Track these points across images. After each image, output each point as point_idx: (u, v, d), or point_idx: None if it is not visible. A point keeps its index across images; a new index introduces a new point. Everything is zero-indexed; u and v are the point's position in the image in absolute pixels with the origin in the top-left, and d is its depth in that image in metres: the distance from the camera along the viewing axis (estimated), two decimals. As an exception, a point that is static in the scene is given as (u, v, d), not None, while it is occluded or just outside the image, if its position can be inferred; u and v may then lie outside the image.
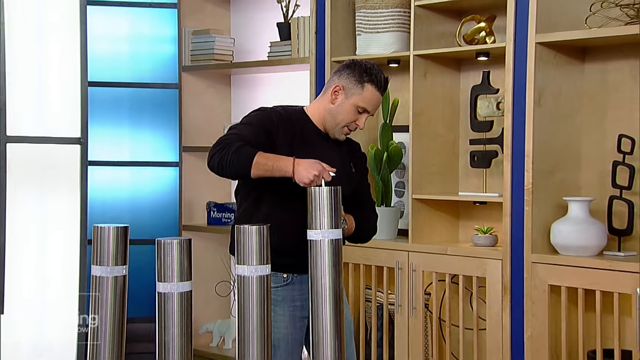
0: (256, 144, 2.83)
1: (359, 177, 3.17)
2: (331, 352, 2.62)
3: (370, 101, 2.97)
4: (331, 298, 2.61)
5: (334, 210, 2.58)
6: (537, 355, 3.85)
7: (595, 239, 3.76)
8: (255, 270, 2.58)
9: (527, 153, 3.88)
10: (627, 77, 3.94)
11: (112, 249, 2.63)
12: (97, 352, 2.65)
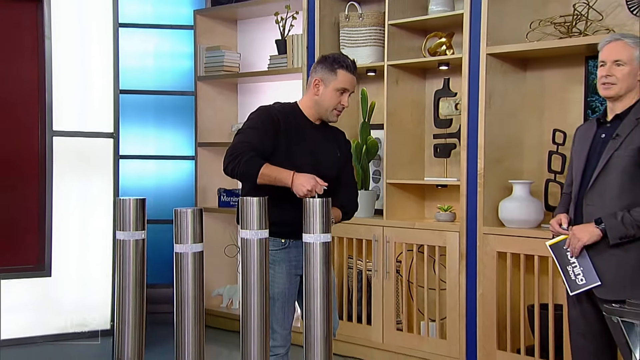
0: (262, 147, 2.88)
1: (343, 160, 3.18)
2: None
3: (345, 82, 2.98)
4: (323, 292, 2.60)
5: (324, 218, 2.59)
6: (487, 310, 3.90)
7: (534, 214, 3.85)
8: (256, 234, 2.64)
9: (480, 145, 3.94)
10: (560, 83, 4.01)
11: (132, 217, 2.66)
12: (123, 305, 2.69)
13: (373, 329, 4.40)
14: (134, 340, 2.73)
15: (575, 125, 3.82)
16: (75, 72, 4.27)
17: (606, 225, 2.66)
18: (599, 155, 2.77)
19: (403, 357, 4.28)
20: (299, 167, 2.91)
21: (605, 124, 2.83)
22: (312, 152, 3.03)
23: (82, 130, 4.25)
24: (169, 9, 5.75)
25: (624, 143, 2.69)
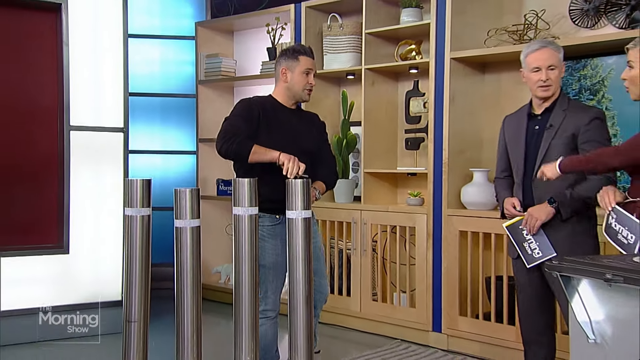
0: (247, 131, 2.95)
1: (320, 138, 3.23)
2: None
3: (307, 64, 3.05)
4: (305, 261, 2.66)
5: (305, 196, 2.67)
6: (450, 282, 3.96)
7: (491, 197, 3.76)
8: (246, 210, 2.70)
9: (444, 138, 3.99)
10: (513, 84, 4.05)
11: (139, 195, 2.76)
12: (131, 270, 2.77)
13: (352, 300, 4.43)
14: (140, 299, 2.80)
15: (526, 120, 3.96)
16: (90, 75, 4.28)
17: (559, 204, 2.72)
18: (537, 145, 2.82)
19: (378, 324, 4.32)
20: (283, 145, 2.94)
21: (536, 117, 2.88)
22: (292, 132, 3.07)
23: (96, 125, 4.28)
24: (173, 21, 5.79)
25: (558, 132, 2.77)
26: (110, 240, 4.24)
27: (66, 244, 4.19)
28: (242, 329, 2.71)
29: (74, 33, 4.21)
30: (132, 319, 2.77)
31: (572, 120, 2.76)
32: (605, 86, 3.52)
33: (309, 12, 4.69)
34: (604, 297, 1.78)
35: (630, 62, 2.39)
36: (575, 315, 1.83)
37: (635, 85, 2.39)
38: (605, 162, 2.43)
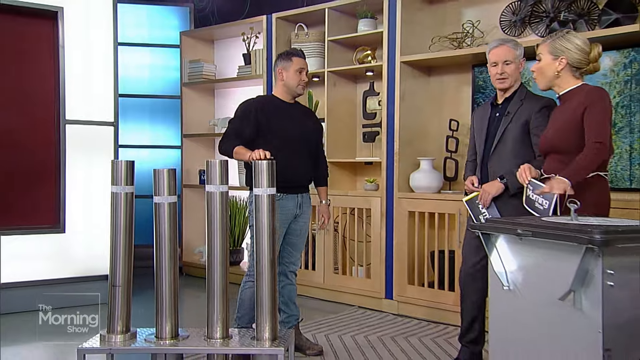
0: (244, 130, 3.01)
1: (318, 134, 3.26)
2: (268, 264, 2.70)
3: (299, 63, 3.10)
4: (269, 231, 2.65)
5: (270, 175, 2.66)
6: (400, 256, 4.01)
7: (436, 182, 3.97)
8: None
9: (396, 131, 4.04)
10: (454, 85, 4.14)
11: (123, 175, 2.76)
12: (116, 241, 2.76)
13: (316, 273, 4.47)
14: (124, 266, 2.79)
15: (465, 116, 4.01)
16: (84, 75, 4.25)
17: (508, 180, 2.71)
18: (496, 129, 2.82)
19: (339, 294, 4.36)
20: (286, 130, 3.04)
21: (498, 106, 2.88)
22: (291, 120, 3.12)
23: (90, 119, 4.25)
24: (160, 32, 5.76)
25: (514, 119, 2.76)
26: (101, 221, 4.20)
27: (62, 224, 4.17)
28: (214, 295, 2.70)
29: (70, 38, 4.19)
30: (117, 284, 2.76)
31: (526, 108, 2.75)
32: (530, 86, 3.60)
33: (279, 23, 4.70)
34: (516, 250, 1.83)
35: (539, 55, 2.44)
36: (493, 267, 1.88)
37: (542, 76, 2.43)
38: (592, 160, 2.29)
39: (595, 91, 2.36)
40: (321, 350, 3.23)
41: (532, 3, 3.67)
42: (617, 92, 3.32)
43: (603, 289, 1.59)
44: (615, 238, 1.60)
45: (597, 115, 2.27)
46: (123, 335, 2.75)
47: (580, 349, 1.62)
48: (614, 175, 3.35)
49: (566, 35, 2.39)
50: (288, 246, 3.18)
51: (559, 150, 2.41)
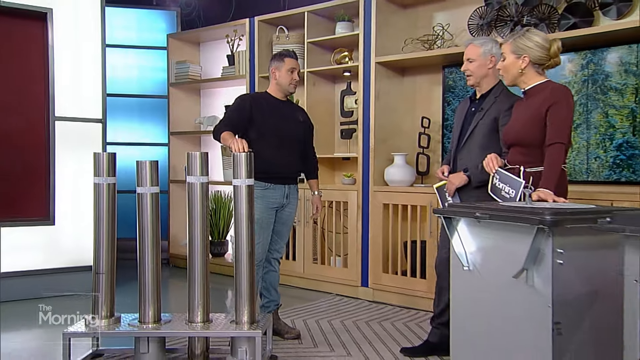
0: (237, 119, 3.06)
1: (308, 129, 3.29)
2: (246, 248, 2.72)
3: (291, 64, 3.14)
4: (248, 219, 2.67)
5: (249, 166, 2.67)
6: (375, 246, 4.03)
7: (409, 176, 4.00)
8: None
9: (371, 129, 4.06)
10: (426, 84, 4.16)
11: (105, 166, 2.75)
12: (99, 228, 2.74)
13: (297, 263, 4.47)
14: (107, 254, 2.78)
15: (437, 114, 4.04)
16: (73, 74, 4.22)
17: (471, 173, 2.73)
18: (469, 124, 2.82)
19: (317, 282, 4.37)
20: (275, 125, 3.08)
21: (475, 101, 2.87)
22: (282, 116, 3.15)
23: (79, 116, 4.22)
24: (149, 34, 5.74)
25: (486, 115, 2.75)
26: (89, 214, 4.12)
27: (52, 217, 4.14)
28: (195, 281, 2.72)
29: (59, 38, 4.15)
30: (101, 271, 2.75)
31: (497, 105, 2.74)
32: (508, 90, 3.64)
33: (261, 25, 4.70)
34: (475, 232, 1.86)
35: (503, 54, 2.46)
36: (454, 249, 1.91)
37: (507, 73, 2.45)
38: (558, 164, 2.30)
39: (561, 89, 2.37)
40: (299, 334, 3.24)
41: (498, 8, 3.72)
42: (575, 91, 3.37)
43: (553, 267, 1.62)
44: (564, 219, 1.63)
45: (561, 115, 2.29)
46: (107, 320, 2.75)
47: (532, 323, 1.66)
48: (573, 168, 3.41)
49: (526, 33, 2.41)
50: (273, 234, 3.20)
51: (522, 144, 2.42)
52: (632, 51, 3.20)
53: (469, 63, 2.79)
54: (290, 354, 2.96)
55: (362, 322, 3.52)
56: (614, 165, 3.28)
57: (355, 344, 3.12)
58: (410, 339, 3.18)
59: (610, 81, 3.28)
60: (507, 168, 2.45)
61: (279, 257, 3.27)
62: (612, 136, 3.28)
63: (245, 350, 2.66)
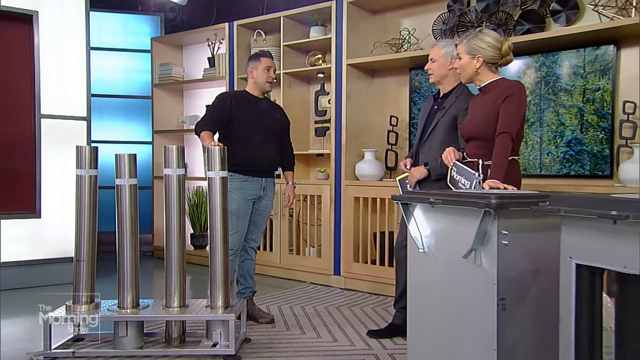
0: (218, 116, 3.03)
1: (285, 127, 3.28)
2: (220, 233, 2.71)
3: (267, 63, 3.14)
4: (222, 210, 2.67)
5: (222, 160, 2.67)
6: (347, 237, 4.05)
7: (378, 171, 4.02)
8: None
9: (343, 127, 4.07)
10: (394, 85, 4.18)
11: (87, 159, 2.73)
12: (80, 219, 2.71)
13: (273, 254, 4.47)
14: (88, 243, 2.75)
15: (404, 113, 4.08)
16: (59, 74, 4.17)
17: (430, 167, 2.76)
18: (431, 121, 2.84)
19: (293, 272, 4.37)
20: (252, 122, 3.06)
21: (438, 99, 2.88)
22: (259, 113, 3.15)
23: (64, 114, 4.17)
24: (134, 38, 5.69)
25: (447, 113, 2.77)
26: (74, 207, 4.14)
27: (38, 210, 4.09)
28: (171, 268, 2.70)
29: (45, 40, 4.09)
30: (82, 259, 2.73)
31: (457, 104, 2.76)
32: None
33: (240, 29, 4.69)
34: (429, 217, 1.88)
35: (459, 55, 2.49)
36: (410, 233, 1.93)
37: (464, 72, 2.48)
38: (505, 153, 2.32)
39: (514, 85, 2.39)
40: (272, 319, 3.24)
41: (459, 14, 3.76)
42: (530, 92, 3.43)
43: (498, 247, 1.65)
44: (509, 202, 1.66)
45: (512, 107, 2.30)
46: (87, 306, 2.73)
47: (479, 299, 1.68)
48: (527, 163, 3.47)
49: (479, 34, 2.44)
50: (251, 224, 3.19)
51: (479, 137, 2.44)
52: (580, 55, 3.27)
53: (432, 63, 2.83)
54: (263, 336, 2.96)
55: (333, 308, 3.53)
56: (564, 160, 3.34)
57: (326, 327, 3.13)
58: (378, 323, 3.20)
59: (560, 83, 3.34)
60: (466, 161, 2.47)
61: (255, 247, 3.27)
62: (563, 133, 3.34)
63: (219, 333, 2.66)
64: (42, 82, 4.05)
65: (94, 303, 2.75)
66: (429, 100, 3.01)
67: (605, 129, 3.19)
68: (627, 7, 3.08)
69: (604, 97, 3.19)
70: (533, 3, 3.49)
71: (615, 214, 1.33)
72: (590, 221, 1.42)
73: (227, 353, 2.60)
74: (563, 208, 1.46)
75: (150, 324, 3.03)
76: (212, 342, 2.67)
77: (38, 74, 4.04)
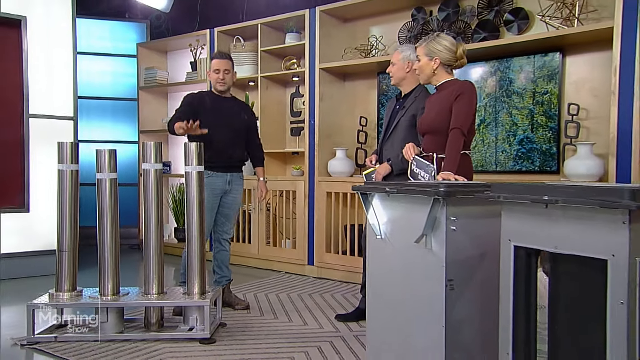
0: (187, 113, 2.96)
1: (249, 122, 3.23)
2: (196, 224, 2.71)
3: (215, 65, 3.10)
4: (198, 203, 2.67)
5: (199, 155, 2.66)
6: (319, 229, 4.04)
7: (348, 168, 4.02)
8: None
9: (317, 127, 4.07)
10: (364, 88, 4.19)
11: (68, 154, 2.69)
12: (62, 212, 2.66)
13: (252, 246, 4.45)
14: (69, 233, 2.71)
15: (373, 114, 4.10)
16: (47, 76, 4.10)
17: (392, 163, 2.78)
18: (393, 120, 2.86)
19: (270, 262, 4.36)
20: (216, 120, 3.01)
21: (400, 100, 2.90)
22: (222, 112, 3.11)
23: (52, 114, 4.10)
24: (122, 43, 5.61)
25: (407, 112, 2.79)
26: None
27: (27, 205, 4.03)
28: (150, 257, 2.68)
29: (33, 44, 4.02)
30: (64, 249, 2.69)
31: (416, 104, 2.78)
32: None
33: (220, 36, 4.67)
34: (386, 205, 1.89)
35: (418, 57, 2.51)
36: (369, 221, 1.94)
37: (422, 72, 2.50)
38: (457, 147, 2.34)
39: (466, 84, 2.42)
40: (248, 305, 3.23)
41: (422, 23, 3.80)
42: (486, 94, 3.48)
43: (447, 232, 1.67)
44: (456, 191, 1.68)
45: (463, 105, 2.34)
46: (70, 293, 2.69)
47: (430, 280, 1.70)
48: (484, 160, 3.51)
49: (436, 38, 2.46)
50: (222, 217, 3.17)
51: (434, 132, 2.46)
52: (530, 61, 3.32)
53: (392, 66, 2.86)
54: (238, 321, 2.95)
55: (305, 295, 3.53)
56: (516, 157, 3.39)
57: (297, 312, 3.14)
58: (347, 308, 3.21)
59: (513, 86, 3.39)
60: (422, 155, 2.50)
61: (228, 238, 3.23)
62: (515, 133, 3.39)
63: (195, 318, 2.65)
64: (30, 83, 3.98)
65: (76, 291, 2.72)
66: (392, 100, 3.03)
67: (552, 129, 3.25)
68: (571, 18, 3.14)
69: (551, 99, 3.25)
70: (488, 13, 3.54)
71: (547, 198, 1.36)
72: (525, 206, 1.44)
73: (202, 336, 2.59)
74: (502, 195, 1.48)
75: (131, 311, 2.99)
76: (189, 327, 2.66)
77: (26, 76, 3.97)
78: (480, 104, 3.47)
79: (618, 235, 1.23)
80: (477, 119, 3.49)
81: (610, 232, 1.24)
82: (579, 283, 1.35)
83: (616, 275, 1.23)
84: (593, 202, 1.26)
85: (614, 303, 1.23)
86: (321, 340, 2.64)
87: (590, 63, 3.20)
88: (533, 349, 1.47)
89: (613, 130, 2.81)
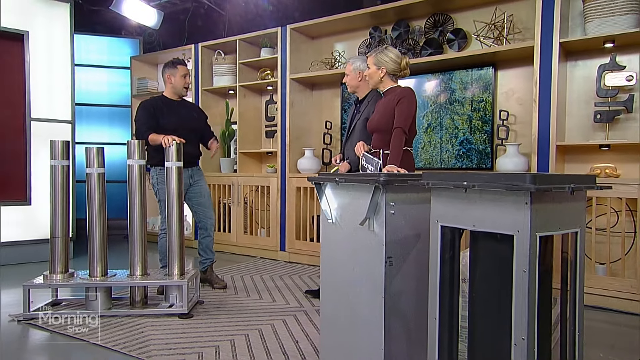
0: (149, 122, 2.88)
1: (203, 122, 3.15)
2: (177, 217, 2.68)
3: (184, 71, 3.01)
4: (177, 196, 2.61)
5: (178, 153, 2.62)
6: (290, 220, 4.02)
7: (316, 166, 4.02)
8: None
9: (287, 130, 4.05)
10: (330, 97, 4.18)
11: (60, 151, 2.62)
12: (55, 204, 2.60)
13: (231, 235, 4.40)
14: (61, 221, 2.65)
15: (337, 118, 4.09)
16: (48, 83, 4.01)
17: (350, 161, 2.77)
18: (353, 122, 2.84)
19: (247, 249, 4.32)
20: (175, 124, 2.91)
21: (357, 105, 2.89)
22: (179, 116, 3.02)
23: (51, 118, 4.00)
24: (117, 57, 5.48)
25: (362, 115, 2.77)
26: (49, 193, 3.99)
27: (29, 198, 3.93)
28: (134, 242, 2.65)
29: (35, 56, 3.92)
30: (56, 235, 2.63)
31: (369, 108, 2.76)
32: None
33: (203, 50, 4.61)
34: (336, 193, 1.89)
35: (368, 65, 2.51)
36: (322, 207, 1.94)
37: (371, 79, 2.49)
38: (399, 144, 2.35)
39: (407, 90, 2.43)
40: (225, 285, 3.20)
41: (378, 40, 3.82)
42: (432, 102, 3.52)
43: (386, 216, 1.67)
44: (394, 180, 1.69)
45: (404, 107, 2.35)
46: (62, 275, 2.63)
47: (373, 258, 1.71)
48: (431, 159, 3.55)
49: (384, 50, 2.48)
50: (199, 207, 3.11)
51: (380, 131, 2.47)
52: (468, 74, 3.37)
53: (346, 76, 2.86)
54: (214, 299, 2.92)
55: (276, 277, 3.52)
56: (458, 156, 3.44)
57: (268, 291, 3.12)
58: (312, 287, 3.20)
59: (455, 95, 3.44)
60: (372, 152, 2.51)
61: (212, 223, 3.15)
62: (457, 135, 3.44)
63: (175, 296, 2.62)
64: (32, 91, 3.89)
65: (68, 272, 2.65)
66: (353, 105, 3.02)
67: (487, 132, 3.31)
68: (501, 37, 3.20)
69: (486, 107, 3.31)
70: (434, 33, 3.58)
71: (466, 183, 1.38)
72: (449, 191, 1.46)
73: (181, 312, 2.55)
74: (431, 181, 1.50)
75: (118, 291, 2.93)
76: (169, 304, 2.62)
77: (28, 84, 3.88)
78: (427, 110, 3.51)
79: (521, 214, 1.25)
80: (425, 123, 3.52)
81: (515, 212, 1.26)
82: (492, 256, 1.37)
83: (520, 248, 1.25)
84: (501, 186, 1.28)
85: (519, 271, 1.26)
86: (286, 314, 2.62)
87: (517, 76, 3.27)
88: (456, 314, 1.49)
89: (534, 133, 2.87)
